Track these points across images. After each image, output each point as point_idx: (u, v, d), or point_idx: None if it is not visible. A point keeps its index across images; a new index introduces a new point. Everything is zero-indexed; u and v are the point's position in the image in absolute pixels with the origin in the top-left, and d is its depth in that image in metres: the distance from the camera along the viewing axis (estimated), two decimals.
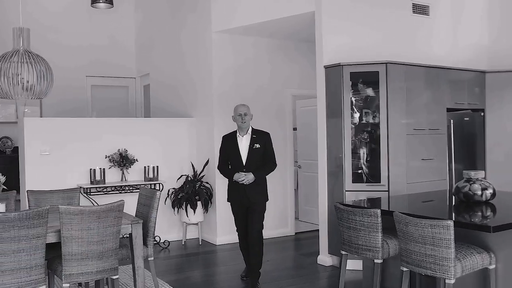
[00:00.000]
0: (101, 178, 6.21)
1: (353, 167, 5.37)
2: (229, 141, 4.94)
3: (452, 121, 5.90)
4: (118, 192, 6.33)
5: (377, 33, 5.76)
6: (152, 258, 4.43)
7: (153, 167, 6.58)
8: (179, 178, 6.90)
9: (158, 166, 6.63)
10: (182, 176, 6.90)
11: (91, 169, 6.20)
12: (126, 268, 5.39)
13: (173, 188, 6.83)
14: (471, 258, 3.10)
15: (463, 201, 3.94)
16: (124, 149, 6.50)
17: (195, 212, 6.65)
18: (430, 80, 5.67)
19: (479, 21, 6.78)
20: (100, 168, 6.24)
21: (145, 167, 6.56)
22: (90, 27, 9.29)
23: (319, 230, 5.73)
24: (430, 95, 5.68)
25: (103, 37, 9.41)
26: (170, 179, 6.84)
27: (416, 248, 3.04)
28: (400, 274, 3.26)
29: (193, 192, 6.64)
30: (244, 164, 4.81)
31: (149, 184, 6.52)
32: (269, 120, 7.12)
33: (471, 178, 3.89)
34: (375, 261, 3.45)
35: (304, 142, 8.19)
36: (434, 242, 2.94)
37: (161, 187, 6.66)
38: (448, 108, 5.84)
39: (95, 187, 6.19)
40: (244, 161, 4.82)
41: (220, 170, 5.03)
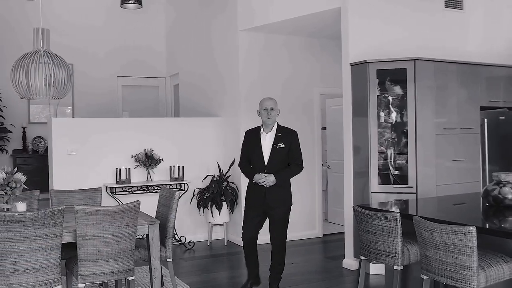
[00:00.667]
0: (127, 178, 6.23)
1: (379, 168, 5.19)
2: (252, 137, 4.51)
3: (486, 120, 5.62)
4: (143, 192, 6.34)
5: (406, 29, 5.54)
6: (171, 259, 4.39)
7: (179, 167, 6.56)
8: (205, 178, 6.86)
9: (183, 166, 6.61)
10: (207, 176, 6.86)
11: (116, 169, 6.23)
12: (147, 268, 5.37)
13: (199, 188, 6.80)
14: (496, 267, 2.90)
15: (492, 205, 3.72)
16: (150, 149, 6.51)
17: (220, 212, 6.60)
18: (462, 77, 5.42)
19: None
20: (126, 168, 6.26)
21: (170, 167, 6.55)
22: (121, 28, 9.40)
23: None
24: (462, 92, 5.42)
25: (133, 37, 9.51)
26: (195, 179, 6.81)
27: (436, 255, 2.86)
28: (420, 282, 3.08)
29: (218, 193, 6.58)
30: (265, 164, 4.38)
31: (175, 184, 6.51)
32: (296, 119, 6.99)
33: (501, 181, 3.66)
34: (395, 267, 3.28)
35: (334, 142, 8.01)
36: (455, 250, 2.76)
37: (186, 187, 6.64)
38: (482, 107, 5.57)
39: (120, 187, 6.22)
40: (266, 160, 4.38)
41: (241, 167, 4.64)
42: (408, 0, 5.59)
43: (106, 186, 6.19)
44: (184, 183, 6.60)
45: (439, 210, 4.21)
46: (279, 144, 4.39)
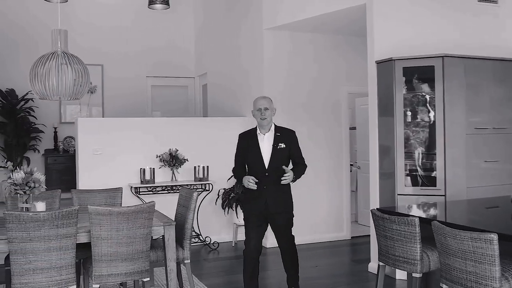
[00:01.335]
0: (151, 177, 6.23)
1: (406, 169, 4.99)
2: (248, 140, 4.22)
3: None
4: (167, 192, 6.33)
5: (434, 25, 5.31)
6: (189, 260, 4.33)
7: (203, 167, 6.52)
8: (230, 178, 6.79)
9: (208, 166, 6.56)
10: (232, 176, 6.78)
11: (141, 168, 6.24)
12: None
13: (224, 189, 6.74)
14: None
15: None
16: (175, 148, 6.49)
17: None
18: (496, 74, 5.15)
19: None
20: (150, 168, 6.27)
21: (195, 167, 6.52)
22: (149, 29, 9.47)
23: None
24: (497, 90, 5.15)
25: (162, 38, 9.57)
26: (220, 179, 6.75)
27: (456, 263, 2.68)
28: None
29: (243, 193, 6.48)
30: (266, 167, 4.11)
31: (199, 184, 6.47)
32: (324, 119, 6.86)
33: None
34: (413, 275, 3.11)
35: (364, 142, 7.80)
36: (475, 258, 2.57)
37: (211, 188, 6.59)
38: None
39: (145, 187, 6.23)
40: (266, 163, 4.11)
41: (235, 173, 4.38)
42: None
43: (131, 186, 6.21)
44: (209, 183, 6.56)
45: (469, 213, 4.00)
46: (280, 144, 4.14)
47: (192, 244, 6.59)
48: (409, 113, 5.02)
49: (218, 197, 6.73)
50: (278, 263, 4.62)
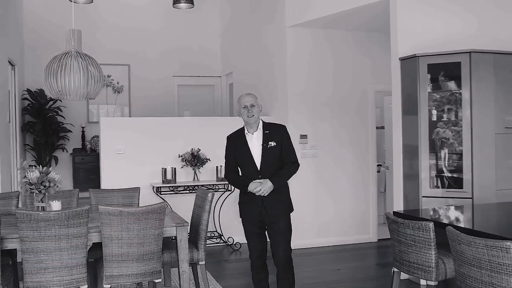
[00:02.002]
0: (172, 177, 6.21)
1: (431, 170, 4.78)
2: (236, 142, 3.87)
3: None
4: (189, 191, 6.29)
5: (462, 19, 5.07)
6: (203, 262, 4.27)
7: None
8: None
9: None
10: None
11: (162, 168, 6.23)
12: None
13: None
14: None
15: None
16: (197, 148, 6.45)
17: None
18: None
19: None
20: (172, 168, 6.25)
21: (216, 166, 6.45)
22: (175, 28, 9.49)
23: None
24: None
25: (188, 37, 9.57)
26: None
27: (471, 272, 2.50)
28: None
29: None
30: (258, 169, 3.73)
31: (222, 184, 6.41)
32: (349, 117, 6.69)
33: None
34: (428, 283, 2.94)
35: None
36: (491, 267, 2.39)
37: (233, 187, 6.52)
38: None
39: (166, 186, 6.22)
40: (258, 164, 3.73)
41: (228, 179, 3.95)
42: None
43: (153, 186, 6.21)
44: None
45: (496, 218, 3.78)
46: (270, 143, 3.74)
47: (214, 245, 6.56)
48: (434, 112, 4.82)
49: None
50: (301, 266, 4.48)
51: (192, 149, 6.43)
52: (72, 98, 3.95)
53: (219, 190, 6.42)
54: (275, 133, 3.80)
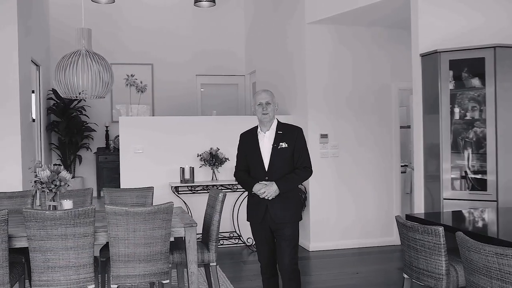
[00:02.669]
0: (190, 177, 6.17)
1: (453, 171, 4.57)
2: (248, 140, 3.73)
3: None
4: (206, 191, 6.24)
5: (486, 12, 4.83)
6: (215, 263, 4.20)
7: None
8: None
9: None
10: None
11: (180, 167, 6.20)
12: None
13: None
14: None
15: None
16: (216, 147, 6.39)
17: None
18: None
19: None
20: (190, 167, 6.21)
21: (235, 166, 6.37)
22: (199, 27, 9.48)
23: None
24: None
25: (212, 36, 9.54)
26: None
27: (481, 281, 2.32)
28: None
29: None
30: (266, 170, 3.57)
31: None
32: (371, 116, 6.51)
33: None
34: None
35: None
36: (502, 277, 2.21)
37: None
38: None
39: (184, 186, 6.18)
40: (266, 165, 3.57)
41: (236, 178, 3.83)
42: None
43: (171, 185, 6.19)
44: None
45: None
46: (281, 144, 3.56)
47: (232, 246, 6.49)
48: (456, 110, 4.60)
49: None
50: (321, 268, 4.36)
51: (211, 148, 6.38)
52: (81, 96, 3.94)
53: (238, 190, 6.35)
54: (289, 134, 3.62)
